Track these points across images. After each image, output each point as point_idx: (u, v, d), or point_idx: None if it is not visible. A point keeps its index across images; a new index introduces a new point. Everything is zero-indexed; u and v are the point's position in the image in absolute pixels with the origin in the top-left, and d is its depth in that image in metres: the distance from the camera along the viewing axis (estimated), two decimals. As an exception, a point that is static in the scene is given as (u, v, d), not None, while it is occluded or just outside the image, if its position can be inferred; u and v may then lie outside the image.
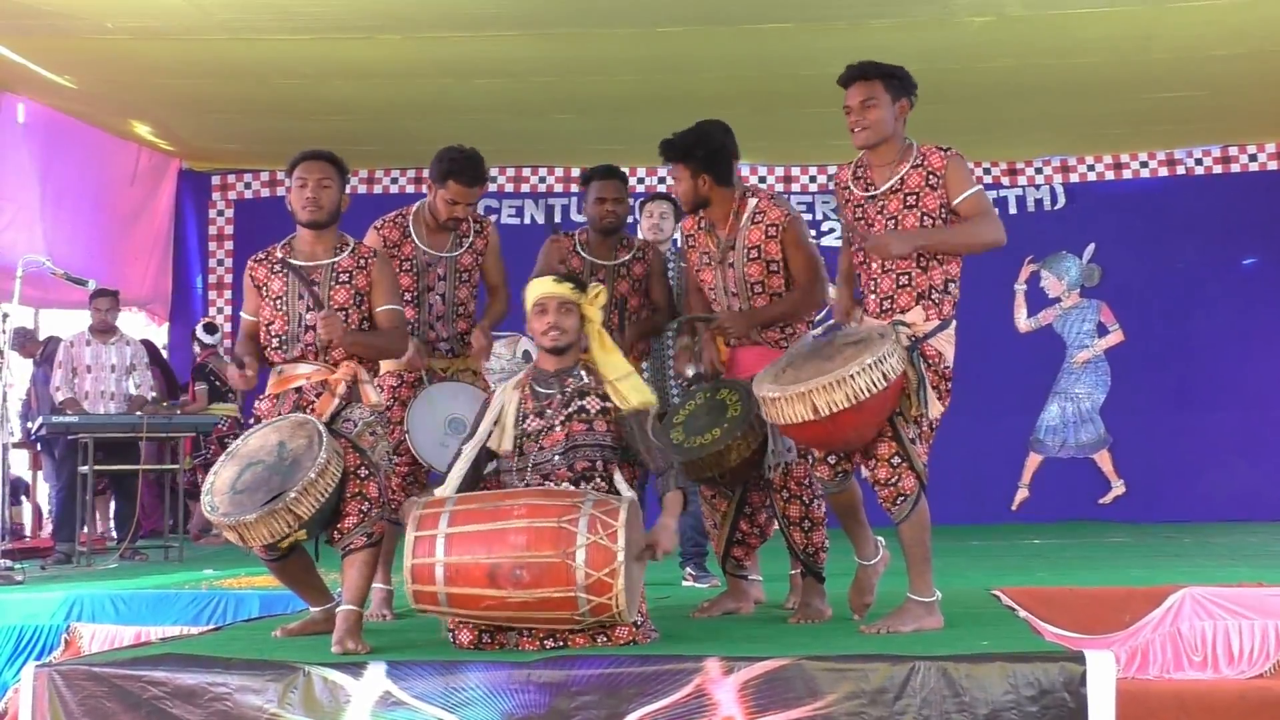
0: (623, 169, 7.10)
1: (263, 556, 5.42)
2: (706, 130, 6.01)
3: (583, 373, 5.38)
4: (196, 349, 12.67)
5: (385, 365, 6.20)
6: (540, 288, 5.40)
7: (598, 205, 6.82)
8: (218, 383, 12.34)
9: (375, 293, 5.64)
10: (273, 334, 5.61)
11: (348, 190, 5.86)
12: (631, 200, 7.28)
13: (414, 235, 6.42)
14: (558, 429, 5.29)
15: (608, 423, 5.32)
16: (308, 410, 5.44)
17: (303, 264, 5.63)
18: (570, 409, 5.31)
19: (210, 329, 12.75)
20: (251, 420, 5.64)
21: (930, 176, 5.39)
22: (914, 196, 5.40)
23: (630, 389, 5.34)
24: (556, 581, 4.82)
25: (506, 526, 4.89)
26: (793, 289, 5.95)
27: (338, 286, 5.58)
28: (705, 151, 5.95)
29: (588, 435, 5.28)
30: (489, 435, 5.34)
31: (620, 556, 4.81)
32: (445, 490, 5.25)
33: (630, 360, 6.78)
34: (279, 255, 5.68)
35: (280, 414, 5.49)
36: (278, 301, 5.60)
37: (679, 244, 6.75)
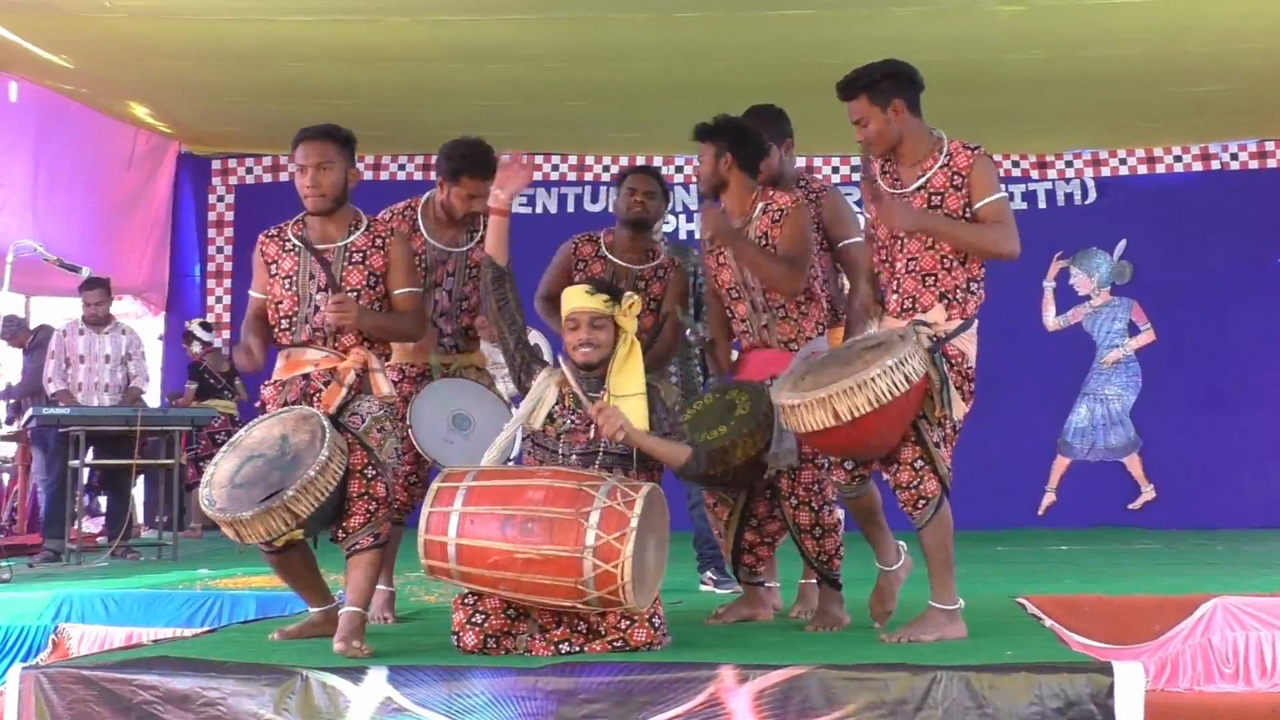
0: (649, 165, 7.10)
1: (262, 549, 5.41)
2: (742, 120, 6.12)
3: (608, 386, 5.40)
4: (196, 347, 12.67)
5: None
6: (571, 301, 5.45)
7: (627, 196, 6.68)
8: (211, 380, 12.35)
9: (392, 274, 5.59)
10: (281, 314, 5.55)
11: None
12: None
13: (423, 230, 6.35)
14: (582, 431, 5.32)
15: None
16: (314, 399, 5.42)
17: (315, 244, 5.56)
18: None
19: (207, 326, 12.75)
20: (257, 406, 5.62)
21: (955, 177, 5.39)
22: (938, 196, 5.40)
23: (628, 410, 5.32)
24: (565, 539, 4.85)
25: (527, 484, 4.99)
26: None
27: (351, 267, 5.53)
28: (734, 133, 6.00)
29: (610, 444, 5.31)
30: (528, 416, 5.40)
31: (634, 523, 4.84)
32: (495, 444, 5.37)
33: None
34: (291, 232, 5.63)
35: (286, 402, 5.46)
36: (287, 280, 5.55)
37: (687, 238, 6.74)
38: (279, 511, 5.06)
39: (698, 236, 6.31)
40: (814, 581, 6.17)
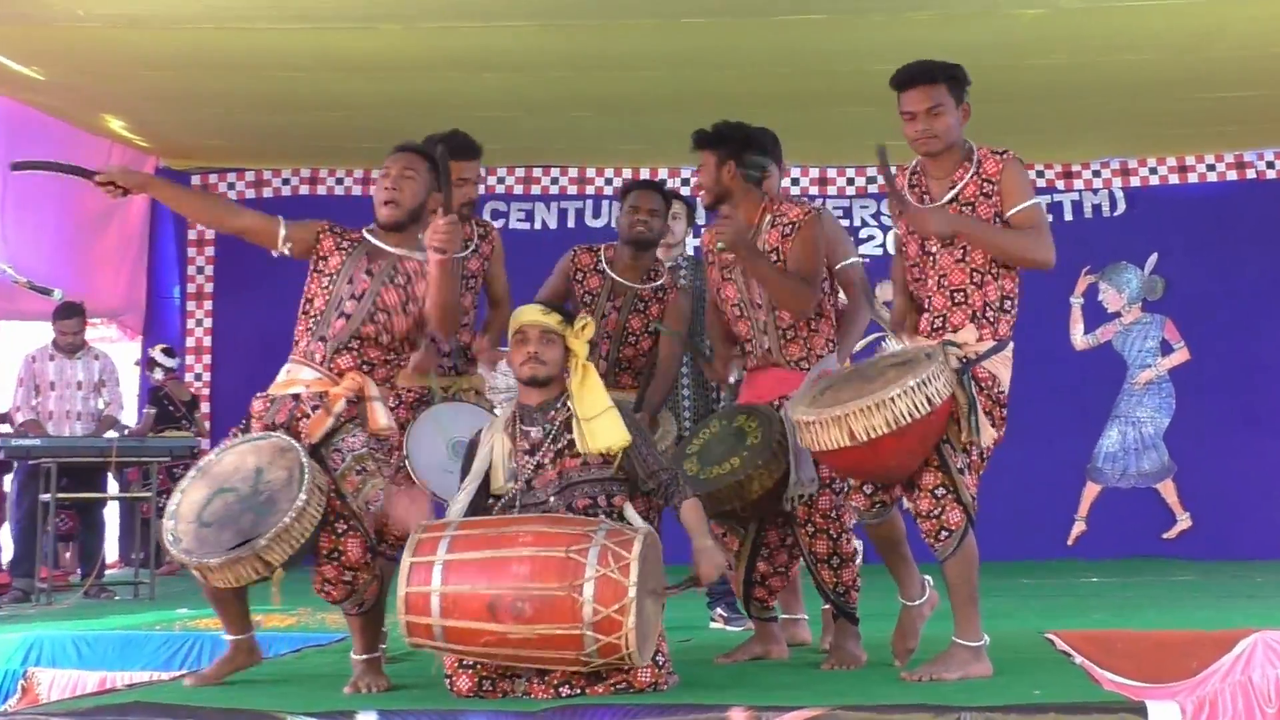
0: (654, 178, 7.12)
1: None
2: (743, 125, 6.07)
3: (570, 404, 5.35)
4: (159, 374, 12.60)
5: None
6: (522, 315, 5.43)
7: (630, 214, 6.77)
8: (170, 407, 12.30)
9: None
10: (312, 312, 5.48)
11: (345, 190, 5.77)
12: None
13: (420, 235, 6.37)
14: (548, 468, 5.27)
15: (604, 455, 5.28)
16: (300, 424, 5.33)
17: (374, 245, 5.55)
18: (559, 445, 5.29)
19: (169, 352, 12.71)
20: (243, 422, 5.51)
21: (985, 184, 5.40)
22: (969, 207, 5.41)
23: (601, 429, 5.26)
24: (561, 617, 4.77)
25: (510, 555, 4.84)
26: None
27: (390, 286, 5.46)
28: (735, 138, 5.99)
29: (583, 471, 5.26)
30: (484, 476, 5.33)
31: (632, 592, 4.76)
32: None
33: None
34: (356, 235, 5.60)
35: (273, 422, 5.37)
36: (328, 279, 5.49)
37: (700, 253, 6.75)
38: (250, 561, 4.97)
39: (704, 248, 6.30)
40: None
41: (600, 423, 5.26)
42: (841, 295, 6.37)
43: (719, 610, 7.76)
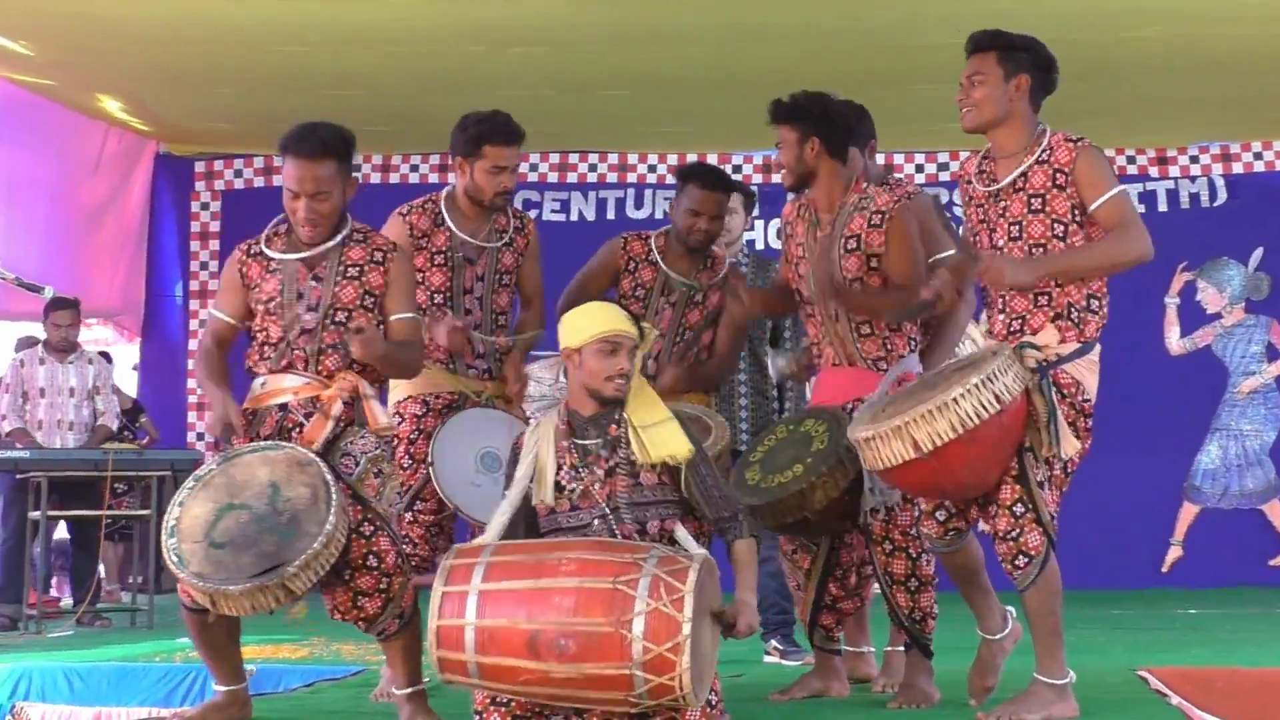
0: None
1: (185, 602, 5.19)
2: (827, 97, 6.09)
3: (627, 416, 5.20)
4: None
5: (407, 390, 6.16)
6: (611, 321, 5.17)
7: (689, 217, 6.63)
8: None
9: (391, 297, 5.41)
10: (269, 342, 5.39)
11: (363, 176, 5.71)
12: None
13: (450, 222, 6.36)
14: (595, 490, 5.14)
15: (658, 474, 5.16)
16: (294, 434, 5.25)
17: (305, 254, 5.42)
18: (611, 462, 5.14)
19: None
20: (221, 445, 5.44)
21: (1057, 174, 5.38)
22: (1039, 199, 5.39)
23: (662, 436, 5.09)
24: (608, 655, 4.73)
25: (552, 585, 4.76)
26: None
27: (345, 282, 5.37)
28: (819, 112, 5.99)
29: (633, 493, 5.12)
30: (526, 490, 5.23)
31: (687, 629, 4.71)
32: (485, 540, 5.14)
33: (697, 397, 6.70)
34: (275, 249, 5.46)
35: (259, 435, 5.28)
36: (271, 304, 5.39)
37: (751, 247, 6.74)
38: (274, 590, 4.89)
39: (784, 219, 6.31)
40: (901, 649, 6.14)
41: (661, 430, 5.11)
42: None
43: (774, 643, 7.73)
